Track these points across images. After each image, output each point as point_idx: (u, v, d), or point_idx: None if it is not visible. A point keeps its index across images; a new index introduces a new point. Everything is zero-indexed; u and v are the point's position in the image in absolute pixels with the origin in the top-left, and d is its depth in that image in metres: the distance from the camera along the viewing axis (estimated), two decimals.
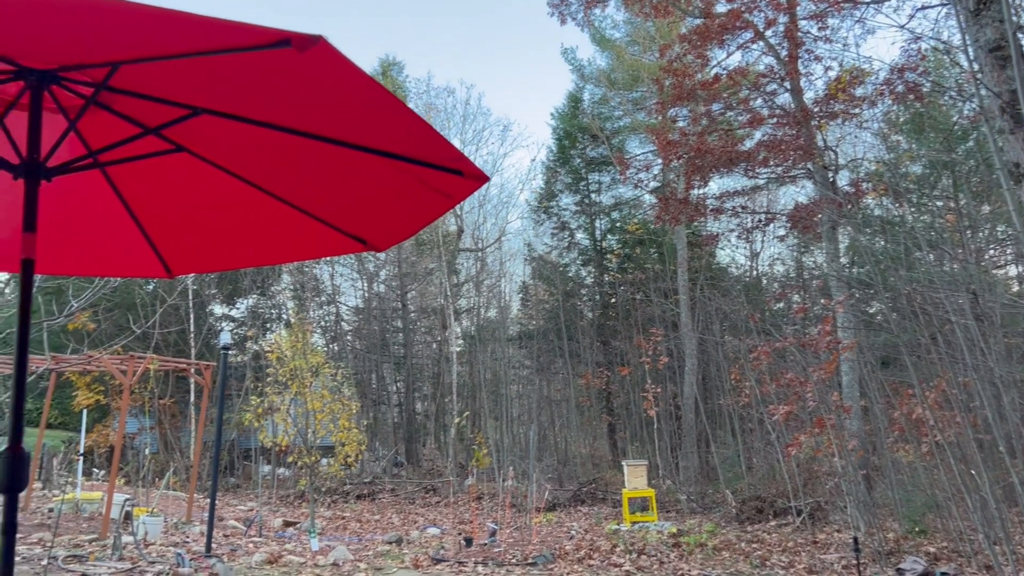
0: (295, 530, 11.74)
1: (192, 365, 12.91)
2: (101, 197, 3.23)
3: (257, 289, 25.69)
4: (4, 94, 2.60)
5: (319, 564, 8.74)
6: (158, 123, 2.73)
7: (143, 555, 8.31)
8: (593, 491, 16.61)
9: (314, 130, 2.58)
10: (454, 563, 8.87)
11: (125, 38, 2.15)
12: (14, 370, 2.42)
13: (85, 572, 7.35)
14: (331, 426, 11.88)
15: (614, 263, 26.09)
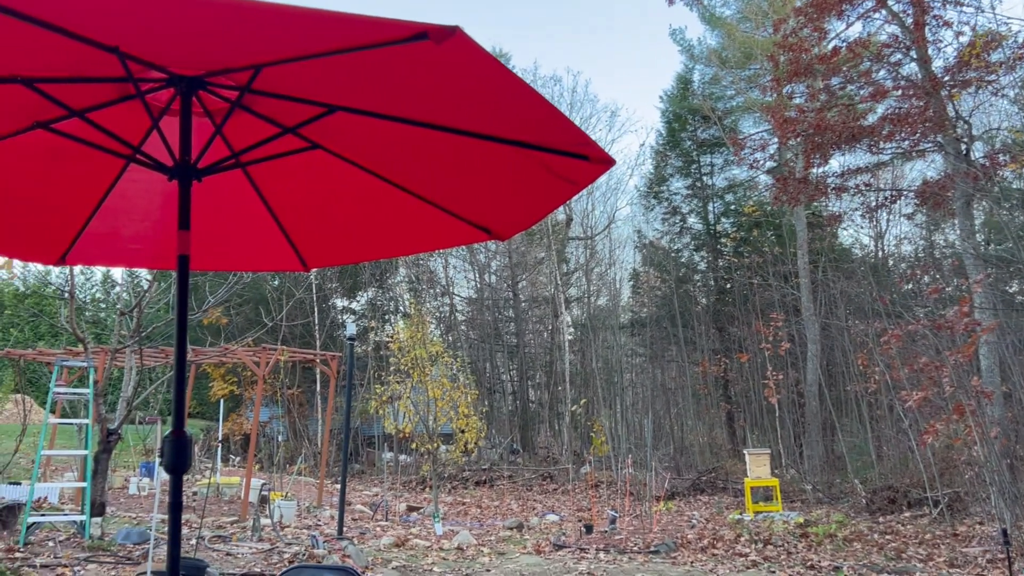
0: (419, 515, 12.08)
1: (319, 356, 13.46)
2: (242, 195, 3.40)
3: (376, 282, 26.50)
4: (156, 101, 2.77)
5: (444, 548, 8.96)
6: (295, 122, 2.85)
7: (280, 536, 8.74)
8: (713, 480, 16.31)
9: (443, 121, 2.62)
10: (575, 549, 8.90)
11: (268, 41, 2.25)
12: (175, 360, 2.59)
13: (229, 551, 7.80)
14: (451, 413, 12.14)
15: (729, 247, 25.43)
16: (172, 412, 2.59)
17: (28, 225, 3.42)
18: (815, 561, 8.17)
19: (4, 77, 2.33)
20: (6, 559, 6.66)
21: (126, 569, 6.72)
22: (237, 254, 3.72)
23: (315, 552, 7.77)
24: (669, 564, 8.18)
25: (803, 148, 15.91)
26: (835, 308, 18.75)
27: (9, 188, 3.14)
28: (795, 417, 18.44)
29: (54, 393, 8.23)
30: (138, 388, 9.40)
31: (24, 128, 2.73)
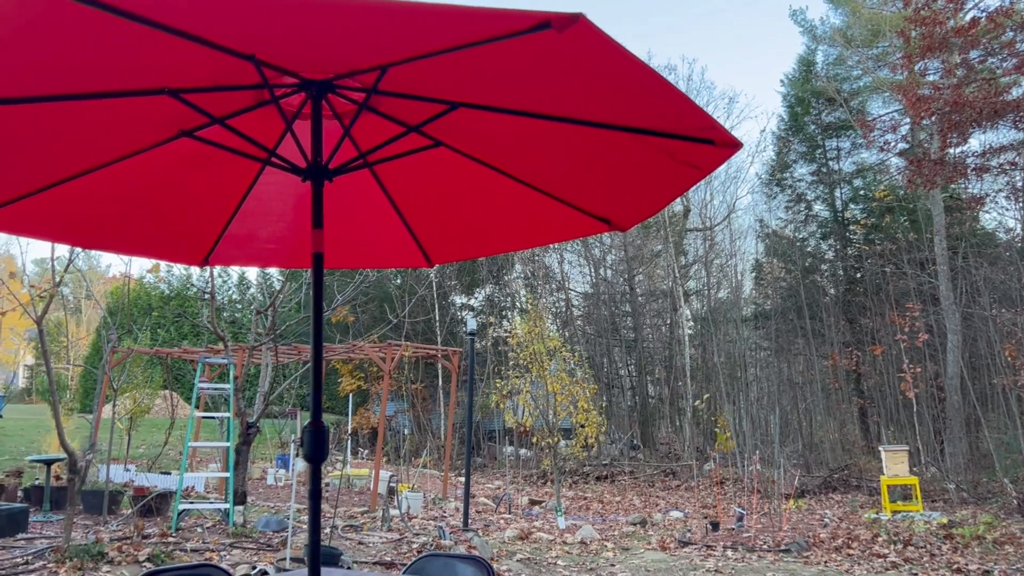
0: (541, 508, 12.15)
1: (441, 351, 13.75)
2: (368, 193, 3.50)
3: (493, 279, 26.83)
4: (288, 105, 2.89)
5: (567, 542, 8.97)
6: (418, 120, 2.90)
7: (408, 527, 8.99)
8: (845, 478, 15.61)
9: (564, 112, 2.61)
10: (701, 547, 8.72)
11: (392, 40, 2.30)
12: (312, 355, 2.70)
13: (361, 540, 8.09)
14: (570, 408, 12.16)
15: (859, 234, 24.24)
16: (310, 405, 2.70)
17: (174, 229, 3.64)
18: (962, 564, 7.68)
19: (153, 89, 2.48)
20: (160, 543, 7.14)
21: (266, 555, 7.08)
22: (365, 252, 3.84)
23: (442, 543, 7.94)
24: (801, 563, 7.89)
25: (939, 127, 14.98)
26: (978, 296, 17.55)
27: (157, 194, 3.35)
28: (934, 412, 17.38)
29: (198, 389, 8.77)
30: (274, 383, 9.87)
31: (170, 137, 2.91)
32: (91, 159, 2.91)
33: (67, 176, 2.94)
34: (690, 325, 25.50)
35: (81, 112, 2.57)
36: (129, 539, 7.25)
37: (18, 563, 6.43)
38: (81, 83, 2.36)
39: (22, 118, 2.49)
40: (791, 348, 23.62)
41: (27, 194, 2.95)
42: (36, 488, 9.65)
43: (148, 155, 3.00)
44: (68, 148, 2.82)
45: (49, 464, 9.44)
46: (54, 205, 3.10)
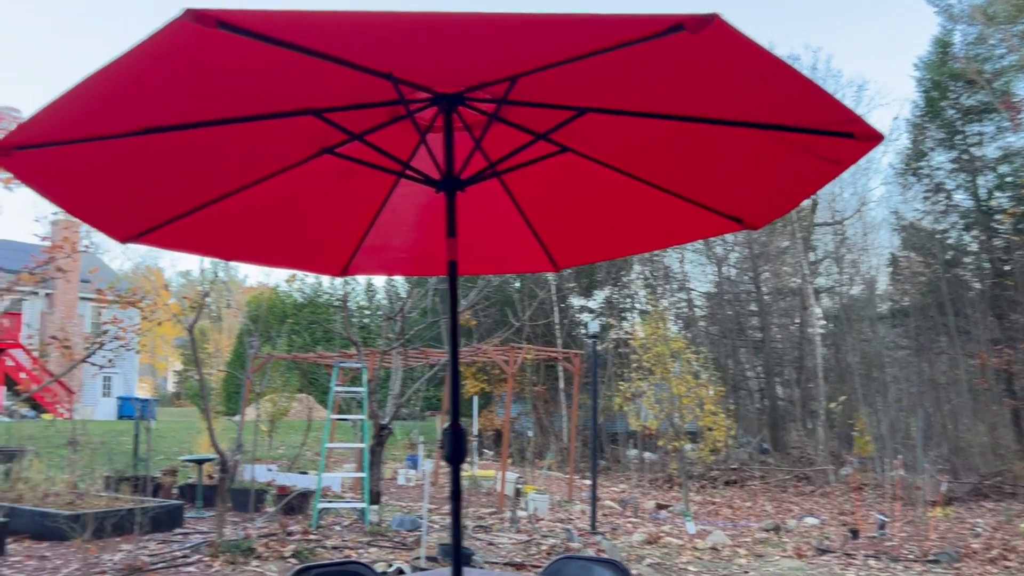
0: (668, 513, 11.97)
1: (561, 354, 13.79)
2: (495, 200, 3.57)
3: (611, 280, 26.67)
4: (421, 119, 2.99)
5: (697, 547, 8.80)
6: (546, 128, 2.94)
7: (536, 529, 9.07)
8: (998, 485, 14.58)
9: (696, 112, 2.59)
10: (841, 555, 8.36)
11: (523, 51, 2.35)
12: (449, 358, 2.78)
13: (491, 541, 8.23)
14: (696, 411, 11.92)
15: (1007, 224, 22.58)
16: (449, 407, 2.78)
17: (316, 241, 3.82)
18: None
19: (298, 110, 2.63)
20: (303, 540, 7.50)
21: (401, 553, 7.31)
22: (493, 258, 3.92)
23: (571, 545, 7.97)
24: (952, 575, 7.43)
25: None
26: None
27: (300, 209, 3.53)
28: None
29: (334, 392, 9.16)
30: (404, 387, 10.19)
31: (313, 155, 3.07)
32: (242, 179, 3.11)
33: (220, 195, 3.15)
34: (821, 324, 24.47)
35: (233, 135, 2.75)
36: (275, 536, 7.66)
37: (176, 556, 6.91)
38: (234, 108, 2.53)
39: (181, 143, 2.69)
40: (933, 347, 22.26)
41: (185, 213, 3.18)
42: (189, 486, 10.34)
43: (292, 172, 3.17)
44: (222, 169, 3.02)
45: (201, 463, 10.09)
46: (208, 223, 3.31)
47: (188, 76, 2.16)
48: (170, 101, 2.32)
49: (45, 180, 2.67)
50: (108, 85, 2.08)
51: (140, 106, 2.31)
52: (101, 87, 2.09)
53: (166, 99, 2.29)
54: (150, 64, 1.97)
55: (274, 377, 13.62)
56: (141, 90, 2.17)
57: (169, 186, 3.01)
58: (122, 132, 2.46)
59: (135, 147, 2.59)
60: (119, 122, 2.41)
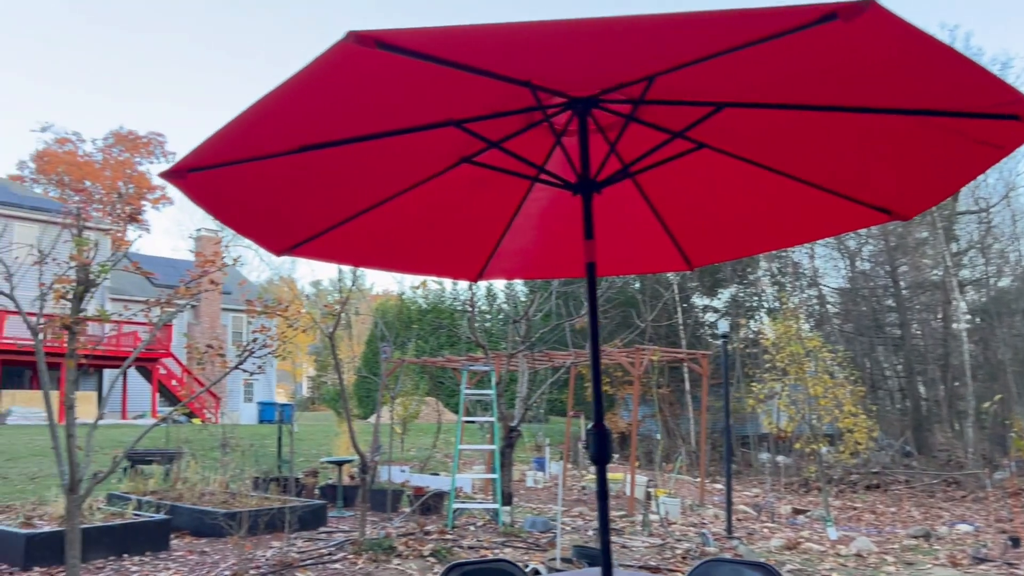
0: (806, 518, 11.54)
1: (688, 355, 13.55)
2: (629, 200, 3.56)
3: (737, 278, 25.97)
4: (556, 124, 3.03)
5: (840, 554, 8.45)
6: (682, 125, 2.92)
7: (668, 532, 8.95)
8: None
9: (843, 101, 2.50)
10: (1001, 564, 7.82)
11: (660, 50, 2.34)
12: (590, 360, 2.80)
13: (623, 544, 8.18)
14: (835, 412, 11.43)
15: None
16: (593, 407, 2.79)
17: (452, 248, 3.93)
18: None
19: (441, 122, 2.72)
20: (440, 540, 7.70)
21: (535, 554, 7.38)
22: (627, 258, 3.91)
23: (707, 549, 7.81)
24: None
25: None
26: None
27: (438, 218, 3.64)
28: None
29: (464, 395, 9.36)
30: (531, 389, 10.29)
31: (452, 164, 3.16)
32: (385, 191, 3.24)
33: (365, 208, 3.30)
34: (967, 318, 22.96)
35: (379, 150, 2.87)
36: (413, 535, 7.90)
37: (323, 553, 7.23)
38: (382, 124, 2.65)
39: (331, 160, 2.83)
40: None
41: (333, 226, 3.35)
42: (330, 487, 10.80)
43: (431, 183, 3.28)
44: (367, 183, 3.16)
45: (340, 465, 10.53)
46: (353, 234, 3.46)
47: (343, 95, 2.28)
48: (325, 120, 2.45)
49: (210, 199, 2.88)
50: (271, 108, 2.23)
51: (298, 126, 2.46)
52: (264, 110, 2.24)
53: (322, 118, 2.43)
54: (310, 86, 2.09)
55: (404, 381, 14.03)
56: (300, 111, 2.31)
57: (319, 201, 3.17)
58: (280, 151, 2.62)
59: (290, 165, 2.75)
60: (277, 142, 2.57)
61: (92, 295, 5.59)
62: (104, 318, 5.43)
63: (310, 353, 56.93)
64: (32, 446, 15.58)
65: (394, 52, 1.93)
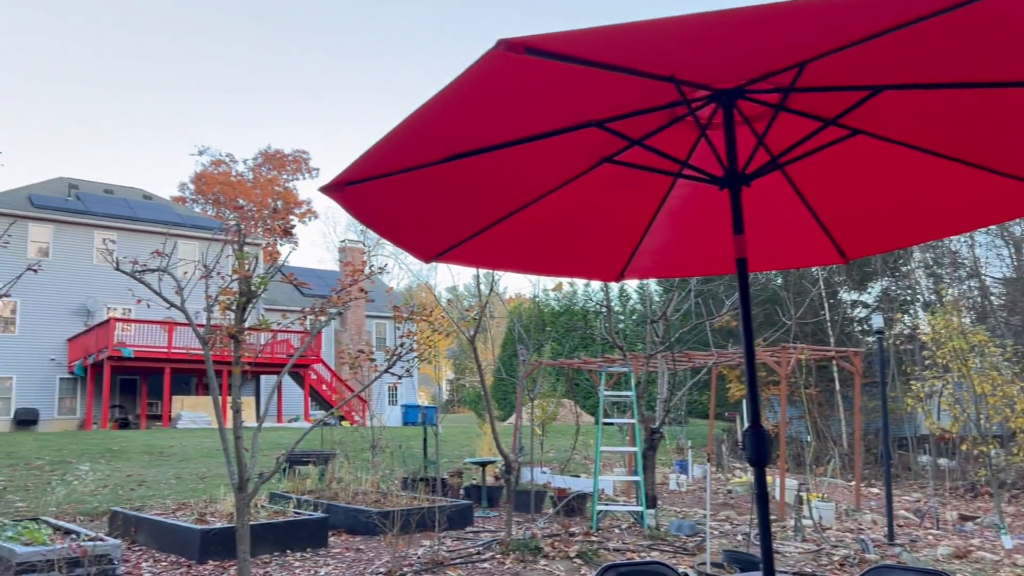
0: (975, 525, 10.74)
1: (839, 353, 12.93)
2: (777, 192, 3.44)
3: (888, 270, 24.54)
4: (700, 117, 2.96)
5: (1017, 564, 7.81)
6: (835, 112, 2.80)
7: (823, 538, 8.56)
8: None
9: (1007, 76, 2.32)
10: None
11: (812, 35, 2.25)
12: (745, 358, 2.72)
13: (776, 549, 7.89)
14: (1006, 411, 10.56)
15: None
16: (748, 407, 2.72)
17: (592, 249, 3.92)
18: None
19: (583, 123, 2.73)
20: (585, 541, 7.70)
21: (683, 558, 7.25)
22: (777, 253, 3.78)
23: (866, 556, 7.42)
24: None
25: None
26: None
27: (578, 219, 3.64)
28: None
29: (603, 397, 9.33)
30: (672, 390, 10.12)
31: (593, 165, 3.16)
32: (528, 195, 3.28)
33: (509, 212, 3.35)
34: None
35: (522, 154, 2.91)
36: (558, 536, 7.94)
37: (471, 552, 7.39)
38: (527, 128, 2.68)
39: (476, 167, 2.89)
40: None
41: (479, 231, 3.42)
42: (474, 487, 11.03)
43: (572, 184, 3.29)
44: (510, 188, 3.20)
45: (484, 466, 10.73)
46: (497, 238, 3.53)
47: (491, 103, 2.33)
48: (473, 128, 2.51)
49: (365, 210, 3.01)
50: (421, 120, 2.30)
51: (447, 136, 2.53)
52: (416, 122, 2.32)
53: (470, 126, 2.49)
54: (460, 95, 2.15)
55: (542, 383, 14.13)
56: (450, 121, 2.37)
57: (464, 208, 3.25)
58: (429, 162, 2.71)
59: (438, 174, 2.83)
60: (427, 153, 2.65)
61: (253, 306, 5.97)
62: (266, 327, 5.78)
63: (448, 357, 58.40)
64: (200, 448, 16.78)
65: (542, 57, 1.95)
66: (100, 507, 10.04)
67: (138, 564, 6.94)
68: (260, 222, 50.74)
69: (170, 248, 6.66)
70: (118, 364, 24.78)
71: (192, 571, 6.70)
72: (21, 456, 14.58)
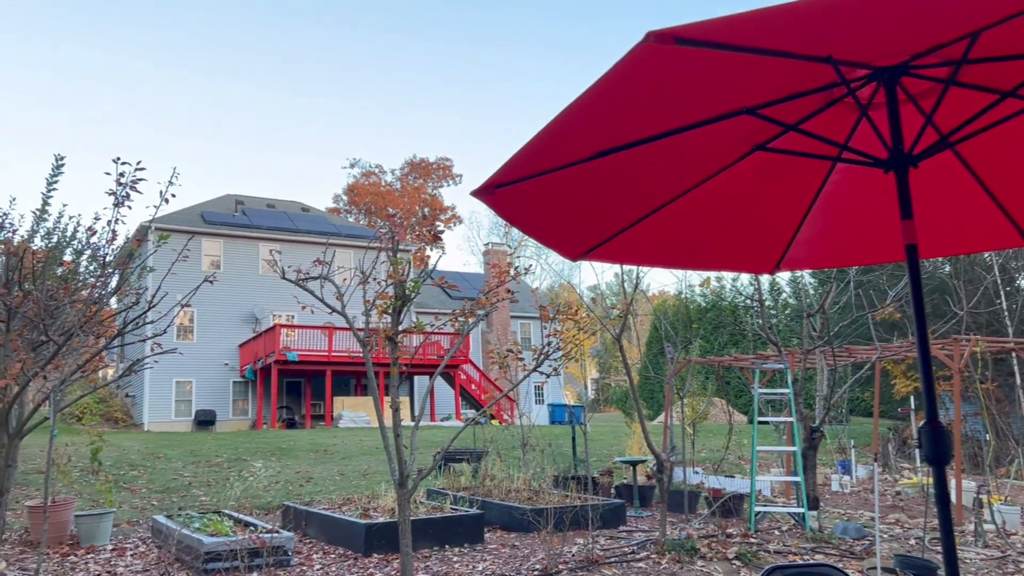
0: None
1: (1021, 344, 11.88)
2: (946, 173, 3.22)
3: None
4: (860, 98, 2.82)
5: None
6: (1014, 83, 2.59)
7: (1009, 544, 7.90)
8: None
9: None
10: None
11: (985, 1, 2.09)
12: (918, 351, 2.56)
13: None
14: None
15: None
16: (924, 403, 2.56)
17: (745, 241, 3.81)
18: None
19: (732, 112, 2.65)
20: (743, 543, 7.47)
21: (850, 562, 6.89)
22: (951, 237, 3.53)
23: None
24: None
25: None
26: None
27: (729, 210, 3.54)
28: None
29: (758, 395, 9.02)
30: (833, 387, 9.64)
31: (744, 154, 3.07)
32: (676, 188, 3.23)
33: (657, 207, 3.31)
34: None
35: (669, 147, 2.86)
36: (714, 537, 7.75)
37: (626, 551, 7.35)
38: (675, 120, 2.64)
39: (622, 162, 2.88)
40: None
41: (626, 227, 3.40)
42: (625, 486, 10.95)
43: (722, 175, 3.21)
44: (658, 182, 3.17)
45: (634, 465, 10.64)
46: (645, 233, 3.49)
47: (639, 96, 2.31)
48: (621, 123, 2.50)
49: (514, 211, 3.06)
50: (569, 119, 2.32)
51: (594, 133, 2.53)
52: (563, 122, 2.34)
53: (618, 122, 2.48)
54: (608, 91, 2.15)
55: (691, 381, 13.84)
56: (598, 117, 2.38)
57: (612, 204, 3.24)
58: (576, 160, 2.72)
59: (585, 172, 2.84)
60: (574, 151, 2.67)
61: (408, 309, 6.21)
62: (420, 330, 6.00)
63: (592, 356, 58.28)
64: (361, 446, 17.60)
65: (692, 46, 1.92)
66: (273, 502, 10.74)
67: (309, 556, 7.36)
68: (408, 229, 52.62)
69: (329, 257, 7.04)
70: (284, 367, 26.40)
71: (358, 563, 7.04)
72: (202, 454, 15.83)
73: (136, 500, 11.01)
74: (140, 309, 7.08)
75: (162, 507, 10.43)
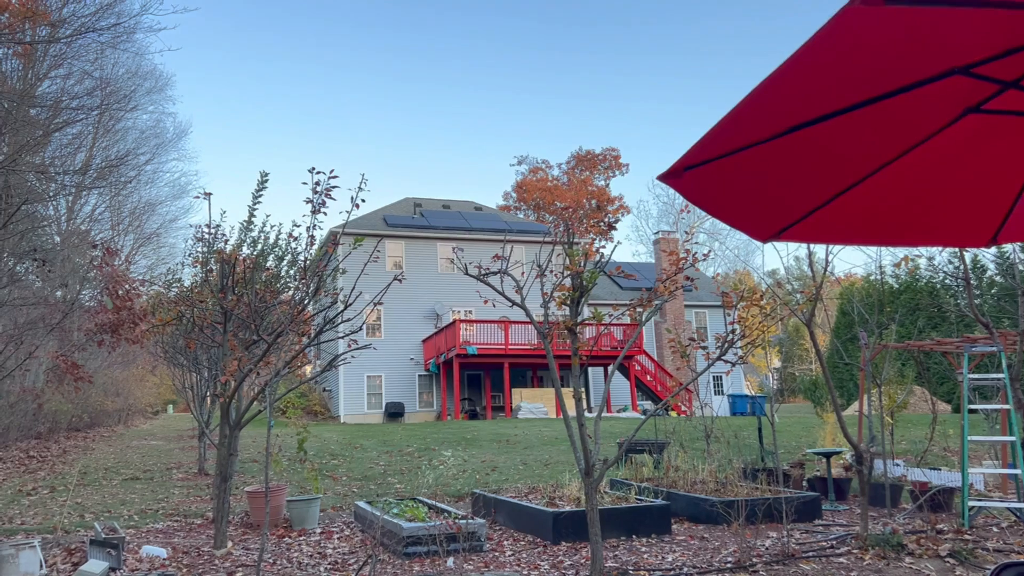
0: None
1: None
2: None
3: None
4: None
5: None
6: None
7: None
8: None
9: None
10: None
11: None
12: None
13: None
14: None
15: None
16: None
17: (954, 212, 3.52)
18: None
19: (942, 73, 2.46)
20: (957, 540, 6.92)
21: None
22: None
23: None
24: None
25: None
26: None
27: (936, 181, 3.29)
28: None
29: (968, 380, 8.30)
30: None
31: (954, 119, 2.84)
32: (875, 160, 3.04)
33: (854, 181, 3.13)
34: None
35: (866, 116, 2.69)
36: (922, 533, 7.23)
37: (824, 546, 7.01)
38: (874, 88, 2.48)
39: (815, 136, 2.73)
40: None
41: (821, 205, 3.23)
42: (819, 479, 10.44)
43: (927, 143, 2.98)
44: (855, 154, 2.99)
45: (828, 457, 10.12)
46: (841, 210, 3.30)
47: (840, 65, 2.20)
48: (819, 94, 2.38)
49: (701, 193, 3.00)
50: (761, 94, 2.24)
51: (790, 106, 2.43)
52: (756, 97, 2.26)
53: (815, 93, 2.37)
54: (806, 62, 2.05)
55: (887, 368, 12.96)
56: (794, 90, 2.28)
57: (805, 181, 3.10)
58: (769, 136, 2.62)
59: (776, 149, 2.73)
60: (768, 127, 2.57)
61: (586, 300, 6.24)
62: (599, 320, 6.01)
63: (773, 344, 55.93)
64: (541, 436, 17.91)
65: (903, 3, 1.79)
66: (463, 490, 11.16)
67: (500, 543, 7.59)
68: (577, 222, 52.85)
69: (506, 252, 7.19)
70: (464, 361, 27.36)
71: (548, 551, 7.17)
72: (394, 444, 16.72)
73: (338, 487, 11.81)
74: (336, 309, 7.58)
75: (361, 494, 11.11)
